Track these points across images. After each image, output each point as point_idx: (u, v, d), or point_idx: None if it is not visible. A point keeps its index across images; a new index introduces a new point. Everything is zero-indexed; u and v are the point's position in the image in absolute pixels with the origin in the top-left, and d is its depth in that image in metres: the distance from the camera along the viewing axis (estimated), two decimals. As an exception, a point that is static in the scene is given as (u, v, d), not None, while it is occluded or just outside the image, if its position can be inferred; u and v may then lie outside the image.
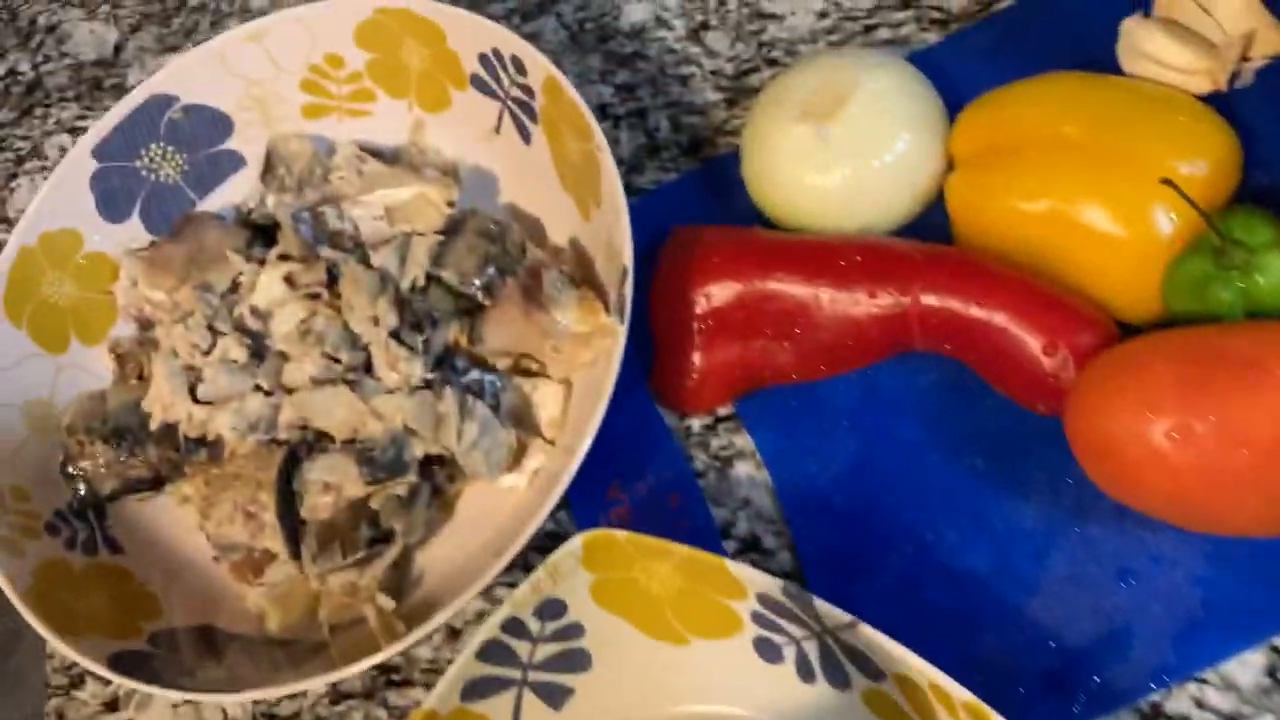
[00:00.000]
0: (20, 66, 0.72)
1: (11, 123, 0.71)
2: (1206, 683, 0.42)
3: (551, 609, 0.45)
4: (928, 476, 0.47)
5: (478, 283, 0.52)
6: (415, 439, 0.50)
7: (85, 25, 0.72)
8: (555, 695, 0.46)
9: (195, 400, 0.52)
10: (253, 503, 0.51)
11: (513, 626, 0.45)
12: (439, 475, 0.51)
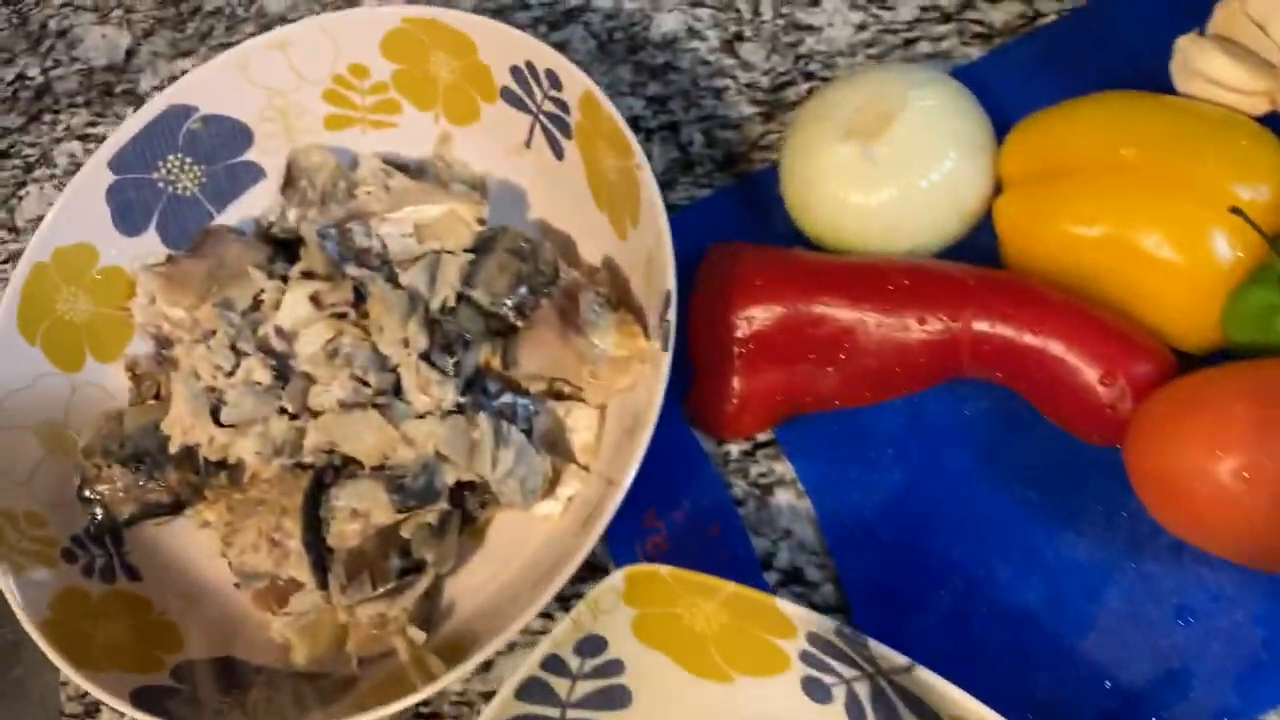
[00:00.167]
0: (29, 71, 0.70)
1: (19, 129, 0.69)
2: (1269, 726, 0.41)
3: (591, 645, 0.44)
4: (977, 508, 0.46)
5: (509, 302, 0.51)
6: (447, 465, 0.48)
7: (97, 29, 0.70)
8: (594, 734, 0.44)
9: (217, 423, 0.51)
10: (277, 530, 0.49)
11: (552, 664, 0.44)
12: (470, 502, 0.50)
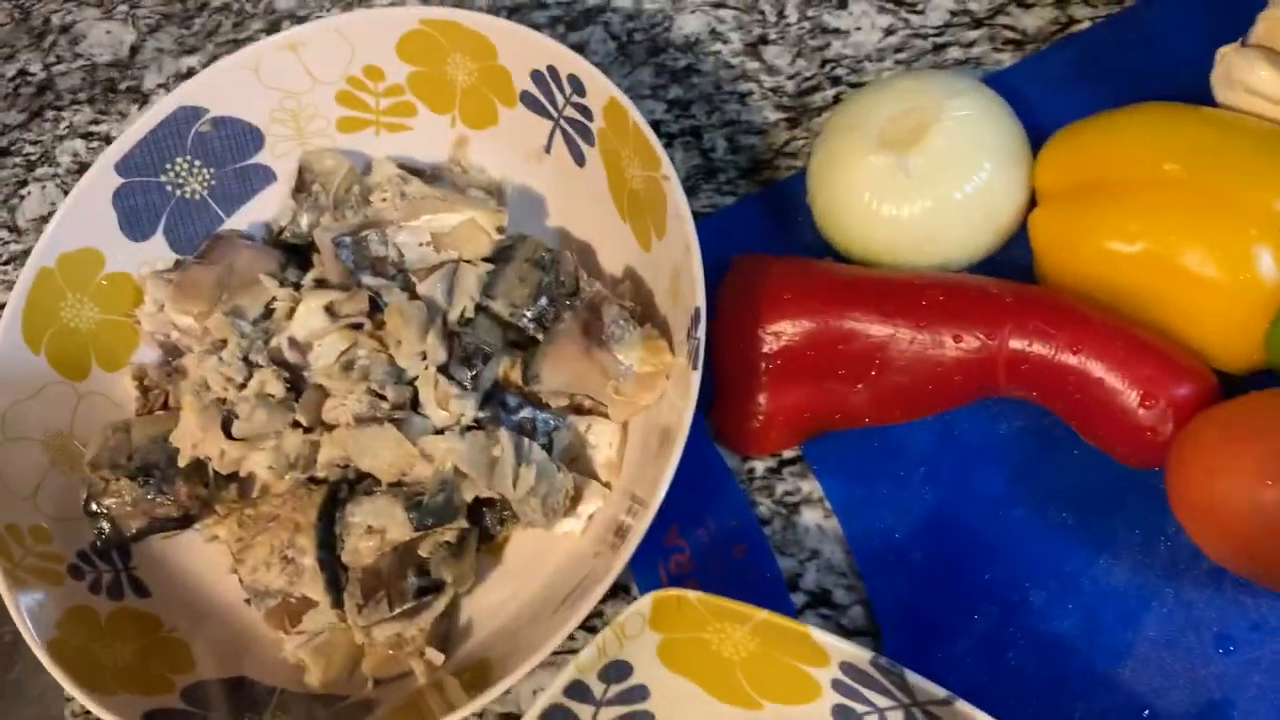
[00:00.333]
0: (31, 67, 0.68)
1: (20, 125, 0.67)
2: (1312, 758, 0.40)
3: (616, 671, 0.43)
4: (1011, 531, 0.45)
5: (529, 314, 0.49)
6: (466, 482, 0.47)
7: (101, 25, 0.68)
8: (618, 761, 0.43)
9: (228, 436, 0.49)
10: (290, 546, 0.48)
11: (576, 690, 0.42)
12: (488, 518, 0.49)
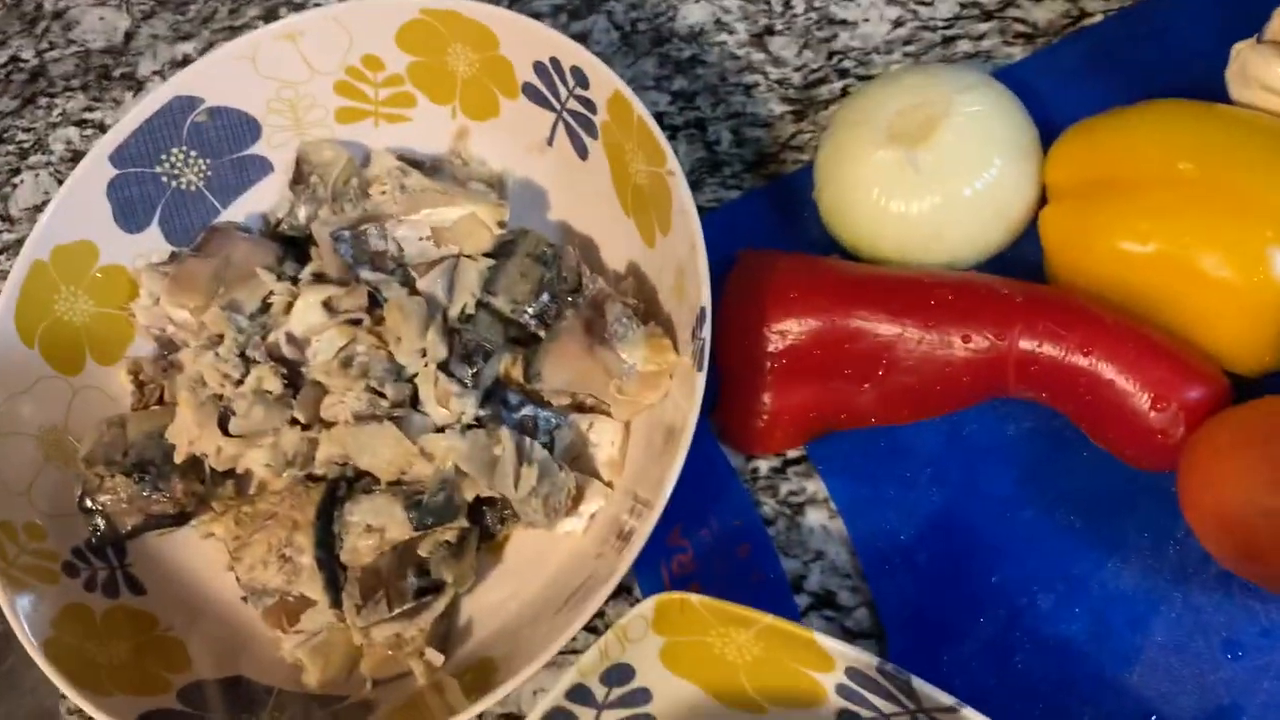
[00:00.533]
0: (23, 54, 0.67)
1: (13, 113, 0.66)
2: (1321, 766, 0.40)
3: (618, 674, 0.42)
4: (1019, 533, 0.44)
5: (530, 310, 0.49)
6: (466, 481, 0.46)
7: (94, 11, 0.67)
8: (620, 764, 0.43)
9: (225, 432, 0.48)
10: (288, 545, 0.47)
11: (578, 693, 0.42)
12: (489, 517, 0.48)
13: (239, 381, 0.49)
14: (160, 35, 0.65)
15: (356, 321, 0.49)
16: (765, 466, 0.49)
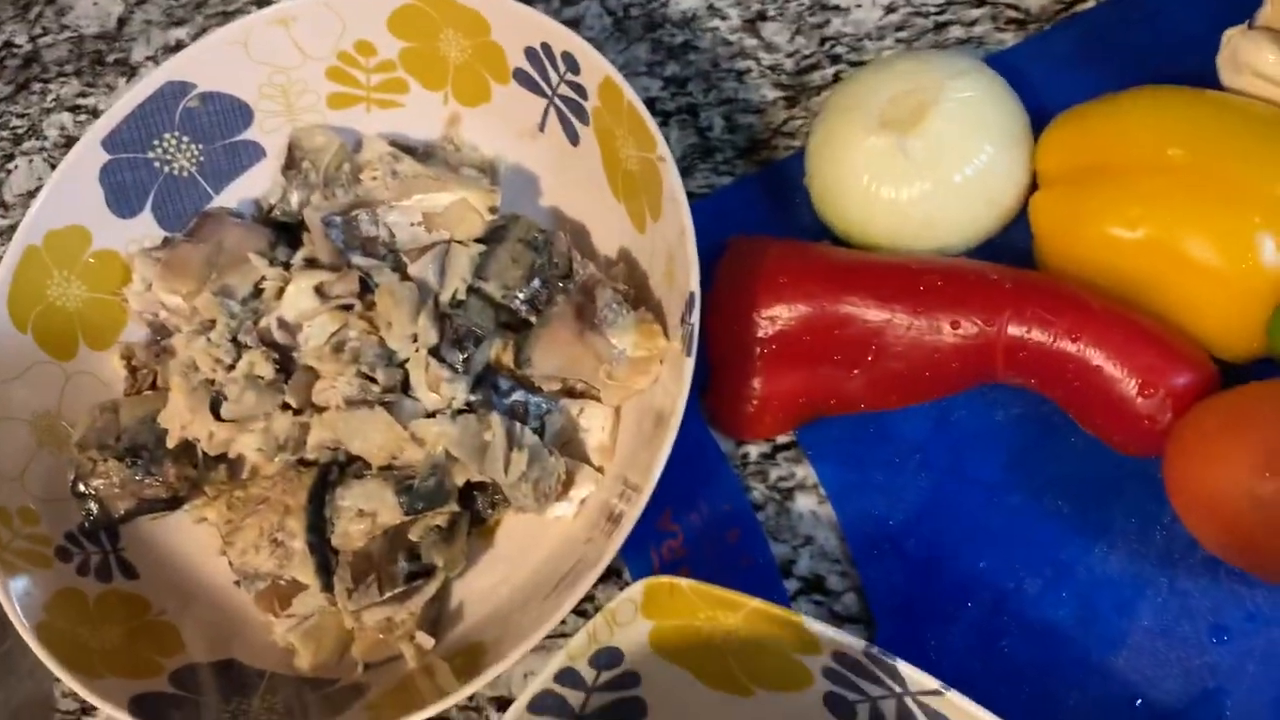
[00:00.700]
0: (17, 39, 0.67)
1: (7, 99, 0.66)
2: (1305, 749, 0.40)
3: (607, 657, 0.42)
4: (1007, 518, 0.45)
5: (521, 295, 0.49)
6: (457, 466, 0.46)
7: (88, -4, 0.67)
8: (609, 747, 0.43)
9: (217, 417, 0.49)
10: (280, 529, 0.48)
11: (566, 676, 0.42)
12: (480, 502, 0.48)
13: (231, 366, 0.49)
14: (153, 20, 0.65)
15: (348, 307, 0.49)
16: (755, 452, 0.49)
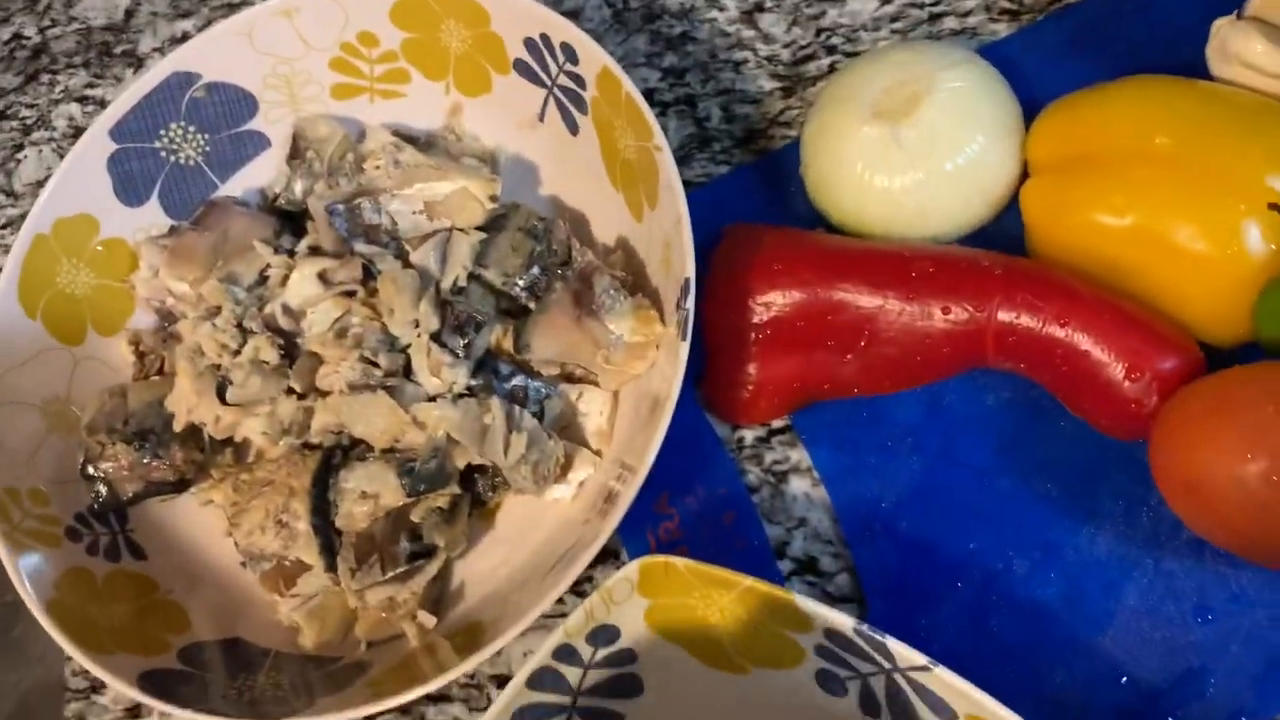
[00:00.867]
0: (26, 31, 0.68)
1: (16, 89, 0.67)
2: (1286, 726, 0.41)
3: (604, 635, 0.43)
4: (996, 501, 0.45)
5: (521, 283, 0.50)
6: (458, 449, 0.47)
7: (95, -12, 0.68)
8: (606, 723, 0.44)
9: (223, 401, 0.50)
10: (285, 511, 0.49)
11: (564, 653, 0.43)
12: (480, 484, 0.49)
13: (236, 352, 0.50)
14: (160, 12, 0.66)
15: (351, 293, 0.50)
16: (750, 436, 0.50)
